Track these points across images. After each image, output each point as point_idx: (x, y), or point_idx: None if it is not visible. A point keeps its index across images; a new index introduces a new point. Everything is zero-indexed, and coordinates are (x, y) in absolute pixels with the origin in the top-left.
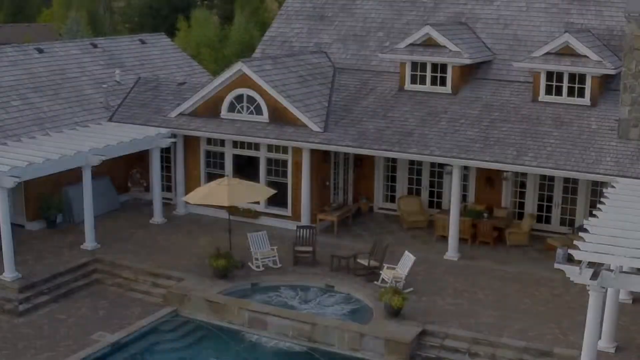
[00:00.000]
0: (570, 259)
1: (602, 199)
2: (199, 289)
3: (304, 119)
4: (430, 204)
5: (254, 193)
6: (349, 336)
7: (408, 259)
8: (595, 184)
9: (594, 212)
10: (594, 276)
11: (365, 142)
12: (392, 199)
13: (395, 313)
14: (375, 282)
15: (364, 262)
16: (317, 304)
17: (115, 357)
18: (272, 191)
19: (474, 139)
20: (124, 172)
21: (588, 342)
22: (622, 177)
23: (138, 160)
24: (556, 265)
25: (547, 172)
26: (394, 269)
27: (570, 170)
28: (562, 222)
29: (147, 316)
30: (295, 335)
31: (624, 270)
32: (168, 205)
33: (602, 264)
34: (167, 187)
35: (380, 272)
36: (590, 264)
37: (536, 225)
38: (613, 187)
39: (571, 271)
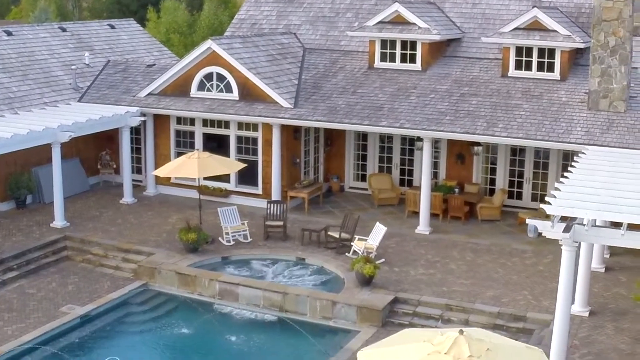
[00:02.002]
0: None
1: (572, 164)
2: (169, 262)
3: (274, 95)
4: (402, 183)
5: (224, 166)
6: (320, 305)
7: (379, 230)
8: (565, 158)
9: (565, 174)
10: (566, 230)
11: (335, 117)
12: (363, 178)
13: (367, 282)
14: (347, 254)
15: (335, 234)
16: (288, 276)
17: (85, 329)
18: (241, 165)
19: (444, 112)
20: (93, 154)
21: (562, 301)
22: (592, 146)
23: (108, 142)
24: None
25: (518, 142)
26: (365, 240)
27: (541, 140)
28: (534, 198)
29: (117, 290)
30: (267, 306)
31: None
32: (138, 187)
33: (574, 219)
34: (137, 169)
35: (352, 244)
36: (562, 220)
37: (507, 201)
38: (583, 153)
39: (543, 226)
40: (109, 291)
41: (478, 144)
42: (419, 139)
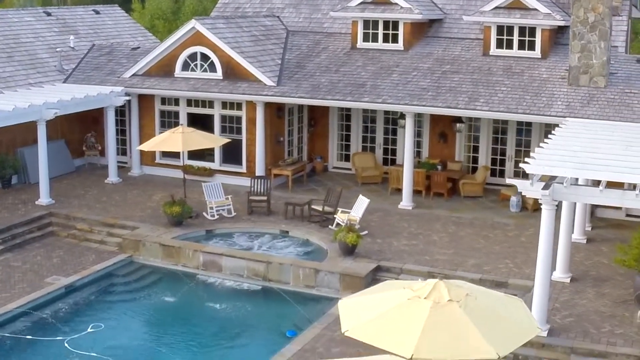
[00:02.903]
0: (525, 207)
1: (552, 132)
2: (153, 235)
3: (257, 74)
4: (385, 162)
5: (207, 140)
6: (303, 273)
7: (362, 202)
8: (547, 135)
9: (545, 140)
10: (546, 187)
11: (318, 94)
12: (347, 158)
13: (349, 251)
14: (330, 227)
15: (318, 208)
16: (272, 248)
17: (69, 299)
18: (225, 139)
19: (426, 88)
20: (78, 136)
21: (542, 261)
22: (572, 118)
23: (93, 124)
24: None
25: (499, 115)
26: (348, 212)
27: (522, 114)
28: (516, 175)
29: (101, 262)
30: (250, 275)
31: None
32: (123, 168)
33: (554, 178)
34: (122, 150)
35: (335, 216)
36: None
37: (490, 179)
38: (564, 124)
39: (523, 185)
40: (94, 263)
41: (460, 121)
42: (402, 116)
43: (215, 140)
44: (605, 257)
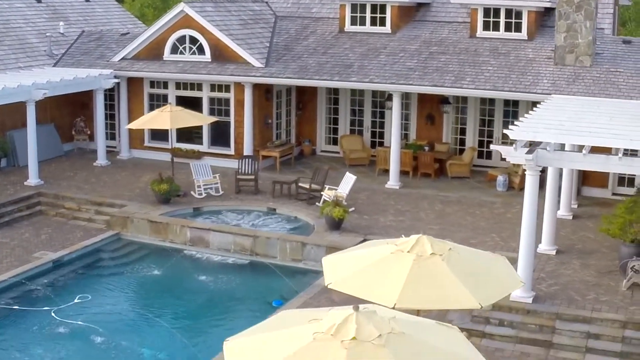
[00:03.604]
0: (511, 186)
1: (537, 105)
2: (141, 212)
3: (245, 55)
4: (372, 145)
5: (195, 119)
6: (290, 247)
7: (349, 179)
8: None
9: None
10: (530, 152)
11: (306, 74)
12: (335, 142)
13: (336, 225)
14: (317, 204)
15: (305, 185)
16: (259, 225)
17: (57, 273)
18: (213, 118)
19: (413, 69)
20: (68, 121)
21: (526, 227)
22: (558, 95)
23: (82, 109)
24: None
25: (485, 94)
26: (335, 189)
27: (508, 91)
28: (503, 157)
29: (89, 238)
30: (237, 250)
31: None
32: (112, 152)
33: (539, 144)
34: (112, 135)
35: (322, 193)
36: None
37: (477, 161)
38: (549, 99)
39: (506, 151)
40: (82, 240)
41: (447, 102)
42: (389, 98)
43: (203, 119)
44: (591, 231)
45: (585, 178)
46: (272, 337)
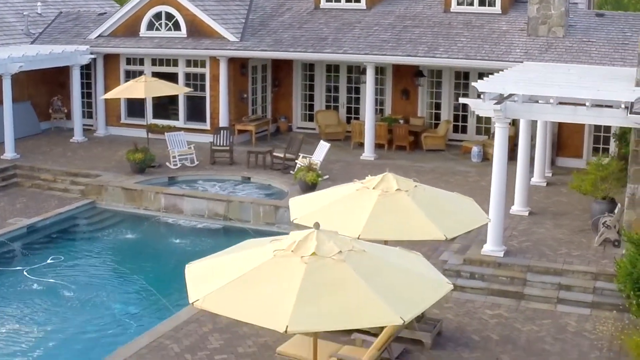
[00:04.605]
0: (486, 157)
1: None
2: (116, 181)
3: (221, 30)
4: (348, 120)
5: (169, 88)
6: (263, 210)
7: (323, 147)
8: None
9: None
10: (499, 103)
11: (280, 47)
12: (311, 118)
13: (310, 190)
14: (291, 172)
15: (280, 154)
16: (234, 192)
17: (31, 237)
18: (186, 88)
19: (387, 40)
20: (45, 99)
21: (496, 177)
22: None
23: (59, 88)
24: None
25: (458, 62)
26: (309, 157)
27: (480, 60)
28: (478, 131)
29: (64, 207)
30: (211, 216)
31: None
32: (89, 131)
33: (508, 97)
34: (89, 114)
35: (296, 161)
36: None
37: (453, 135)
38: (521, 65)
39: (475, 103)
40: (56, 208)
41: (421, 74)
42: (364, 72)
43: (177, 89)
44: (564, 196)
45: (559, 148)
46: (232, 258)
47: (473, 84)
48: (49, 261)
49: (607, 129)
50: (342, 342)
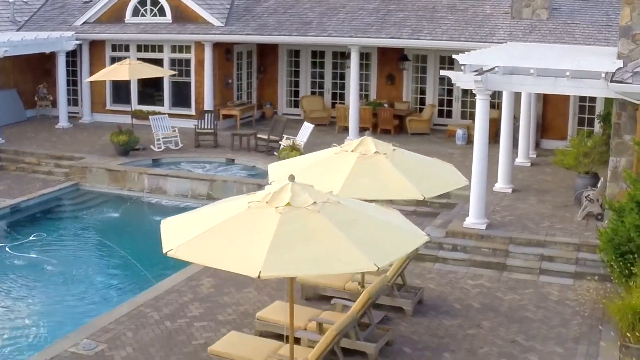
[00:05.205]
0: (471, 140)
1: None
2: (100, 162)
3: (205, 15)
4: (333, 106)
5: (153, 70)
6: (247, 189)
7: (307, 128)
8: None
9: None
10: (479, 74)
11: (265, 31)
12: (296, 104)
13: None
14: (275, 154)
15: (264, 136)
16: (217, 172)
17: (14, 217)
18: (170, 71)
19: (371, 24)
20: (31, 87)
21: (478, 152)
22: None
23: (45, 75)
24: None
25: (442, 44)
26: (293, 138)
27: (464, 41)
28: (463, 116)
29: (48, 188)
30: (194, 195)
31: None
32: (75, 118)
33: (490, 70)
34: (74, 101)
35: (280, 143)
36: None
37: (438, 119)
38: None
39: (455, 75)
40: (40, 189)
41: (406, 59)
42: (348, 56)
43: (161, 71)
44: (548, 176)
45: (544, 131)
46: (207, 211)
47: (454, 56)
48: (31, 238)
49: (592, 110)
50: (323, 309)
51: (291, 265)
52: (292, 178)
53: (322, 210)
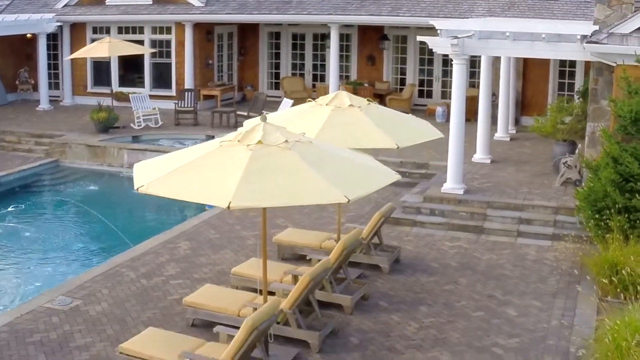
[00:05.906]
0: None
1: None
2: (79, 139)
3: None
4: (314, 87)
5: (133, 48)
6: None
7: (286, 104)
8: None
9: None
10: (455, 38)
11: (245, 10)
12: (277, 86)
13: None
14: None
15: (244, 113)
16: None
17: None
18: (151, 49)
19: (350, 2)
20: (12, 71)
21: (455, 119)
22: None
23: (26, 60)
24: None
25: (421, 21)
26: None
27: (443, 18)
28: (444, 96)
29: (27, 164)
30: None
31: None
32: (56, 101)
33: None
34: (55, 85)
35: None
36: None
37: (419, 100)
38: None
39: (432, 41)
40: (20, 165)
41: (386, 38)
42: (328, 35)
43: (140, 49)
44: (527, 148)
45: (523, 108)
46: (180, 153)
47: (430, 21)
48: (9, 209)
49: (571, 87)
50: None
51: (261, 197)
52: (264, 118)
53: (293, 148)
